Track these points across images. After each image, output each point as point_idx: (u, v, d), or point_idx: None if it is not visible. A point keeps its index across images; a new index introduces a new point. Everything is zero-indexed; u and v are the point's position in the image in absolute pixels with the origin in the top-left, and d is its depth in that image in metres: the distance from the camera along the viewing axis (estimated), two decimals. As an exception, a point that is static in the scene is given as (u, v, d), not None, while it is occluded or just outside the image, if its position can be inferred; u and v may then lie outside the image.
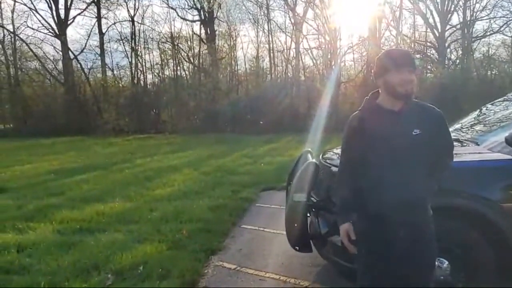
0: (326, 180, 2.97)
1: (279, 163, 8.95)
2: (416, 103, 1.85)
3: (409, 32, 24.38)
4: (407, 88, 1.74)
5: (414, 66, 1.81)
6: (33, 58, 25.33)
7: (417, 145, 1.77)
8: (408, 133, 1.77)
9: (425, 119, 1.80)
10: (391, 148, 1.79)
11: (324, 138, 13.03)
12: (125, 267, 3.25)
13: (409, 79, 1.74)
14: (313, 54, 24.48)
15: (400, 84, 1.74)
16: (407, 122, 1.79)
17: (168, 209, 5.10)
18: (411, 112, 1.80)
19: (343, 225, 1.95)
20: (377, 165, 1.83)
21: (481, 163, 2.49)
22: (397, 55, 1.85)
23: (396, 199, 1.78)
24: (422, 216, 1.84)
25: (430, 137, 1.78)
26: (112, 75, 26.60)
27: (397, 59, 1.79)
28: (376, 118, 1.83)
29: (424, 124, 1.77)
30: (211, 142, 15.49)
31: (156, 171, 8.46)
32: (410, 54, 1.93)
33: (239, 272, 3.28)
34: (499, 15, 21.75)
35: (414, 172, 1.80)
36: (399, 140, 1.78)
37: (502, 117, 3.40)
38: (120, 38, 25.84)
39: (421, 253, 1.84)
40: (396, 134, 1.79)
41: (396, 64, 1.77)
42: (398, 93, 1.76)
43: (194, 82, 24.40)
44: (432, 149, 1.82)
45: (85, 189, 6.69)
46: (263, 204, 5.54)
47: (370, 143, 1.83)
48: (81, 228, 4.40)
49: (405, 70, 1.75)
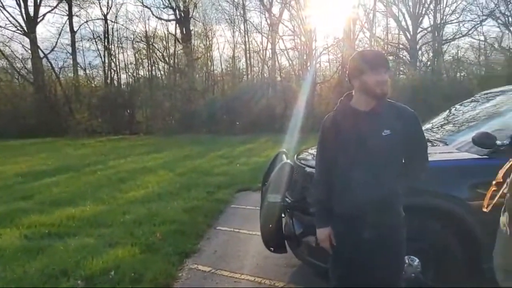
0: (301, 180, 2.98)
1: (255, 164, 8.95)
2: (389, 104, 1.86)
3: (382, 34, 24.93)
4: (383, 88, 1.76)
5: (388, 66, 1.84)
6: (0, 56, 24.37)
7: (387, 145, 1.77)
8: (379, 133, 1.77)
9: (397, 119, 1.80)
10: (361, 148, 1.79)
11: (300, 138, 13.11)
12: (95, 272, 3.15)
13: (385, 80, 1.77)
14: (289, 55, 24.65)
15: (377, 85, 1.76)
16: (378, 123, 1.79)
17: (142, 212, 4.99)
18: (383, 113, 1.81)
19: (322, 229, 1.95)
20: (348, 165, 1.83)
21: (450, 163, 2.55)
22: (372, 56, 1.86)
23: (363, 200, 1.78)
24: (390, 218, 1.83)
25: (401, 138, 1.78)
26: (84, 74, 25.93)
27: (373, 60, 1.80)
28: (349, 119, 1.84)
29: (395, 125, 1.78)
30: (186, 143, 15.33)
31: (130, 172, 8.29)
32: (384, 55, 1.97)
33: (214, 275, 3.24)
34: (468, 18, 22.54)
35: (384, 173, 1.79)
36: (369, 140, 1.78)
37: (470, 118, 3.51)
38: (93, 36, 25.24)
39: (387, 256, 1.83)
40: (367, 134, 1.79)
41: (372, 65, 1.78)
42: (375, 93, 1.78)
43: (170, 82, 24.10)
44: (403, 150, 1.82)
45: (55, 192, 6.47)
46: (239, 205, 5.52)
47: (342, 143, 1.84)
48: (50, 232, 4.25)
49: (381, 71, 1.77)
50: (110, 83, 25.07)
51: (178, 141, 16.20)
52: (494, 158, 2.35)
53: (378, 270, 1.85)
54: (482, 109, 3.54)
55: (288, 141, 12.31)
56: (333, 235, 1.92)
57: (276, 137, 14.75)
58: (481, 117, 3.35)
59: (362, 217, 1.80)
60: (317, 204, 2.02)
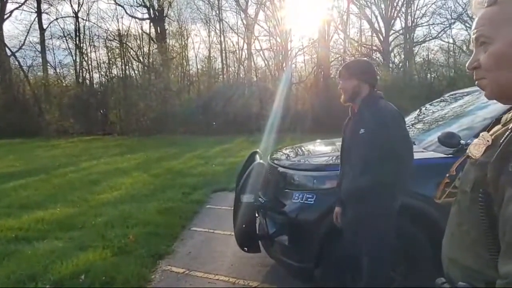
0: (274, 180, 3.00)
1: (231, 164, 8.92)
2: (372, 105, 2.06)
3: (356, 36, 25.37)
4: (342, 97, 2.15)
5: (341, 76, 2.16)
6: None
7: (361, 143, 2.01)
8: (357, 132, 2.03)
9: (371, 119, 1.99)
10: (345, 145, 2.17)
11: (277, 138, 13.19)
12: (65, 277, 3.07)
13: (340, 89, 2.15)
14: (265, 55, 24.74)
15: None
16: (359, 123, 2.06)
17: (114, 214, 4.89)
18: (363, 113, 2.06)
19: (336, 208, 2.31)
20: (342, 160, 2.24)
21: (418, 162, 2.62)
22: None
23: (344, 189, 2.16)
24: (365, 206, 2.03)
25: (373, 136, 1.96)
26: (54, 73, 25.18)
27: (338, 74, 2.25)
28: (348, 121, 2.24)
29: (369, 124, 1.98)
30: (161, 144, 15.13)
31: (103, 174, 8.11)
32: (344, 65, 2.32)
33: (187, 276, 3.22)
34: (437, 22, 23.23)
35: (354, 166, 2.06)
36: (352, 138, 2.10)
37: (438, 117, 3.62)
38: (63, 34, 24.49)
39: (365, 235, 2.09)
40: (352, 133, 2.10)
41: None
42: (341, 100, 2.20)
43: (144, 82, 23.66)
44: (375, 146, 1.96)
45: (23, 195, 6.25)
46: (214, 206, 5.50)
47: (343, 141, 2.28)
48: (17, 237, 4.10)
49: (339, 82, 2.16)
50: (82, 83, 24.42)
51: (153, 142, 15.97)
52: (458, 156, 2.43)
53: (361, 243, 2.12)
54: (450, 109, 3.66)
55: (264, 141, 12.35)
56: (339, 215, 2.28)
57: (253, 137, 14.78)
58: (448, 117, 3.46)
59: (345, 203, 2.18)
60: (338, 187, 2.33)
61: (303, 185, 2.70)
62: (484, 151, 0.79)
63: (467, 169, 0.85)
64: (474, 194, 0.77)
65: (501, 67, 0.76)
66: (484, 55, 0.79)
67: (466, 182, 0.82)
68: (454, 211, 0.87)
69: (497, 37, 0.76)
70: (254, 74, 24.66)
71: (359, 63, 2.35)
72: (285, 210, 2.67)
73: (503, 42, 0.76)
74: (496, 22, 0.77)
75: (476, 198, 0.75)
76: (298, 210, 2.61)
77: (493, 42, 0.77)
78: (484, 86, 0.81)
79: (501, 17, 0.77)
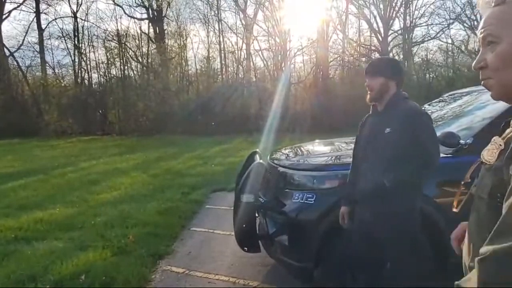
0: (274, 180, 3.00)
1: (230, 164, 8.92)
2: (399, 104, 2.04)
3: (355, 36, 25.39)
4: (368, 95, 2.08)
5: (368, 73, 2.10)
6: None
7: (387, 142, 1.98)
8: (381, 131, 2.00)
9: (397, 118, 1.99)
10: (369, 144, 2.08)
11: (275, 138, 13.20)
12: (65, 277, 3.07)
13: (366, 86, 2.08)
14: (264, 55, 24.74)
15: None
16: (384, 122, 2.02)
17: (114, 214, 4.89)
18: (389, 113, 2.03)
19: (342, 208, 2.28)
20: (360, 158, 2.17)
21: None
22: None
23: (361, 187, 2.10)
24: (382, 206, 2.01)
25: (400, 136, 1.96)
26: (53, 73, 25.12)
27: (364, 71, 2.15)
28: (368, 119, 2.20)
29: (395, 123, 1.97)
30: (160, 144, 15.12)
31: (102, 174, 8.10)
32: (368, 63, 2.21)
33: (187, 276, 3.22)
34: (436, 22, 23.26)
35: (378, 166, 2.02)
36: (376, 137, 2.04)
37: (437, 117, 3.63)
38: (62, 35, 24.43)
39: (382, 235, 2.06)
40: (375, 132, 2.05)
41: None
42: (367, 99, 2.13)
43: (143, 82, 23.64)
44: (401, 146, 1.97)
45: (22, 195, 6.24)
46: (214, 206, 5.50)
47: (359, 139, 2.24)
48: (16, 237, 4.10)
49: (365, 79, 2.09)
50: (81, 83, 24.37)
51: (152, 142, 15.96)
52: (458, 156, 2.44)
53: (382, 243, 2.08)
54: (449, 109, 3.67)
55: (263, 141, 12.36)
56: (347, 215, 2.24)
57: (252, 137, 14.79)
58: (448, 117, 3.47)
59: (362, 202, 2.12)
60: (346, 187, 2.32)
61: (303, 185, 2.70)
62: (498, 156, 0.77)
63: (483, 175, 0.83)
64: (491, 200, 0.75)
65: (509, 67, 0.75)
66: (491, 55, 0.78)
67: (482, 189, 0.80)
68: (473, 220, 0.85)
69: (505, 36, 0.76)
70: (253, 74, 24.66)
71: (387, 61, 2.34)
72: (285, 210, 2.68)
73: (511, 42, 0.75)
74: (504, 22, 0.76)
75: (494, 203, 0.73)
76: (298, 209, 2.62)
77: (501, 42, 0.76)
78: (490, 86, 0.80)
79: (509, 17, 0.76)
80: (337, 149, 3.66)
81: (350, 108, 16.58)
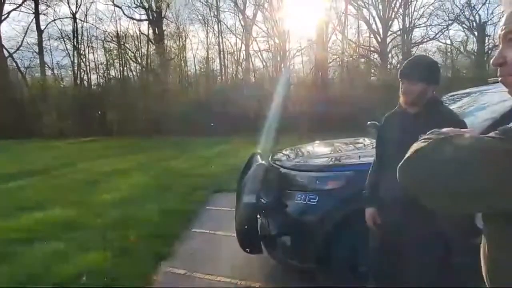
0: (276, 181, 3.00)
1: (230, 165, 8.91)
2: (438, 108, 1.98)
3: (354, 37, 25.44)
4: (404, 99, 1.99)
5: (407, 77, 2.00)
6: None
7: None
8: (418, 135, 1.89)
9: (437, 123, 1.91)
10: (401, 146, 1.93)
11: (275, 139, 13.19)
12: (66, 278, 3.06)
13: (403, 91, 2.00)
14: (263, 56, 24.78)
15: (401, 95, 2.01)
16: (420, 125, 1.89)
17: (115, 215, 4.88)
18: (428, 116, 1.92)
19: (368, 209, 2.18)
20: (391, 159, 1.98)
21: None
22: (401, 67, 2.07)
23: (394, 193, 1.93)
24: (413, 212, 1.92)
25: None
26: (52, 74, 25.12)
27: (400, 72, 2.03)
28: (394, 119, 2.10)
29: (434, 128, 1.89)
30: (160, 144, 15.11)
31: (102, 175, 8.09)
32: (406, 64, 2.08)
33: (189, 277, 3.21)
34: (435, 23, 23.33)
35: None
36: (409, 139, 1.91)
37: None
38: (61, 36, 24.44)
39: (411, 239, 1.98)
40: (409, 134, 1.93)
41: (400, 75, 2.02)
42: (401, 102, 2.04)
43: (142, 83, 23.65)
44: None
45: (21, 196, 6.23)
46: (214, 207, 5.49)
47: (390, 140, 2.05)
48: (17, 238, 4.08)
49: (403, 81, 2.00)
50: (80, 84, 24.37)
51: (151, 143, 15.96)
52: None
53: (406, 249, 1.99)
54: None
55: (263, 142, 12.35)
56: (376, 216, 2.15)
57: (251, 138, 14.73)
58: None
59: (389, 205, 2.03)
60: (368, 187, 2.22)
61: (306, 186, 2.70)
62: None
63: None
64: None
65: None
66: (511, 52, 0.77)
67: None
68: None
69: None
70: (252, 75, 24.69)
71: (428, 65, 2.11)
72: (287, 211, 2.68)
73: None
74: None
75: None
76: (301, 210, 2.62)
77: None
78: (509, 83, 0.80)
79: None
80: (338, 150, 3.66)
81: (349, 109, 16.61)
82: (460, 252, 2.43)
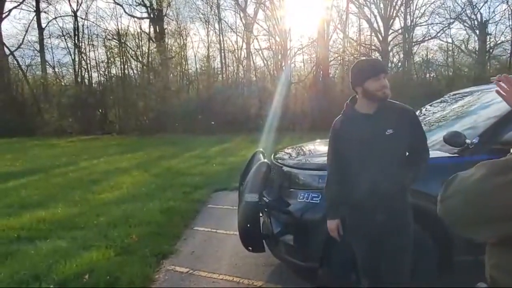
0: (278, 180, 3.00)
1: (231, 164, 8.93)
2: (390, 104, 2.01)
3: (355, 35, 25.39)
4: (385, 92, 1.95)
5: (387, 71, 2.03)
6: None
7: (391, 143, 1.95)
8: (382, 133, 1.95)
9: (398, 119, 1.98)
10: (367, 148, 1.97)
11: (276, 138, 13.21)
12: (69, 277, 3.07)
13: (385, 84, 1.96)
14: (264, 54, 24.74)
15: (379, 90, 1.94)
16: (381, 124, 1.97)
17: (116, 213, 4.89)
18: (385, 114, 1.98)
19: (332, 221, 2.14)
20: (357, 163, 2.03)
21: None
22: (371, 64, 2.02)
23: (373, 192, 1.96)
24: (397, 203, 2.00)
25: (404, 135, 1.97)
26: (53, 72, 25.13)
27: (373, 68, 1.97)
28: (354, 122, 2.05)
29: (397, 124, 1.95)
30: (161, 143, 15.12)
31: (103, 173, 8.10)
32: (381, 61, 2.16)
33: (191, 276, 3.22)
34: (436, 21, 23.27)
35: (389, 167, 1.96)
36: (374, 139, 1.96)
37: (440, 117, 3.62)
38: (62, 33, 24.47)
39: (397, 234, 2.01)
40: (372, 135, 1.97)
41: (372, 72, 1.95)
42: (377, 97, 1.96)
43: (143, 82, 23.65)
44: (406, 145, 2.01)
45: (23, 194, 6.24)
46: (216, 205, 5.49)
47: (350, 144, 2.04)
48: (19, 236, 4.10)
49: (381, 77, 1.95)
50: (81, 82, 24.38)
51: (152, 141, 15.97)
52: (464, 156, 2.44)
53: (390, 246, 2.03)
54: (451, 109, 3.67)
55: (264, 140, 12.36)
56: (341, 226, 2.13)
57: (252, 136, 14.78)
58: (451, 117, 3.46)
59: (374, 205, 1.98)
60: (328, 199, 2.18)
61: (309, 184, 2.70)
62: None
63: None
64: None
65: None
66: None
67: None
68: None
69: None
70: (253, 73, 24.66)
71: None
72: (290, 210, 2.68)
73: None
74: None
75: None
76: (303, 209, 2.61)
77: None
78: None
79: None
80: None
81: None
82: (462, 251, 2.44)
